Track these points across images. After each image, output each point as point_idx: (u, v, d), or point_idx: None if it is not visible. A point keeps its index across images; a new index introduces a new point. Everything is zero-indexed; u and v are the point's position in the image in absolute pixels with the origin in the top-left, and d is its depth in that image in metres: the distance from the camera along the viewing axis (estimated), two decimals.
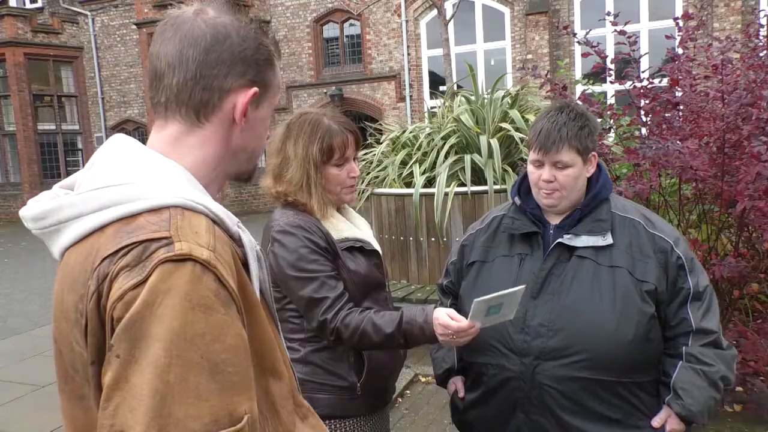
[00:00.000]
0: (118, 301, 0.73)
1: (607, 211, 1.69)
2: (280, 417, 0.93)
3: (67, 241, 0.83)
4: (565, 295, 1.64)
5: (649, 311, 1.60)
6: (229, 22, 0.92)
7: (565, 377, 1.60)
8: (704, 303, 1.63)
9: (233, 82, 0.91)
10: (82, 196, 0.82)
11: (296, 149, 1.76)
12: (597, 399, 1.60)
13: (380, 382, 1.84)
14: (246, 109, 0.93)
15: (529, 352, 1.63)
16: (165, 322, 0.72)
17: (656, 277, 1.61)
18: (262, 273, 0.94)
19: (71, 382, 0.85)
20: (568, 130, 1.65)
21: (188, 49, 0.89)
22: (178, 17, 0.92)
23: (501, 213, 1.86)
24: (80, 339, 0.79)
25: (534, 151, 1.69)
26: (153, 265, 0.74)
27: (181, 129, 0.92)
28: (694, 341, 1.62)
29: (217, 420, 0.73)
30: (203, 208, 0.84)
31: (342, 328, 1.66)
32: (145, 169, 0.85)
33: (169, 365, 0.71)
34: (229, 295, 0.79)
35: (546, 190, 1.69)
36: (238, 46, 0.91)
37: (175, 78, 0.90)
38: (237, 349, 0.77)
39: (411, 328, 1.64)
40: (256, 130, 0.97)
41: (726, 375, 1.61)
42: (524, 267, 1.72)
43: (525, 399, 1.66)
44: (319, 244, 1.71)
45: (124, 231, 0.78)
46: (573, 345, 1.60)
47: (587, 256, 1.65)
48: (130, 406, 0.70)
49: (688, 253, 1.66)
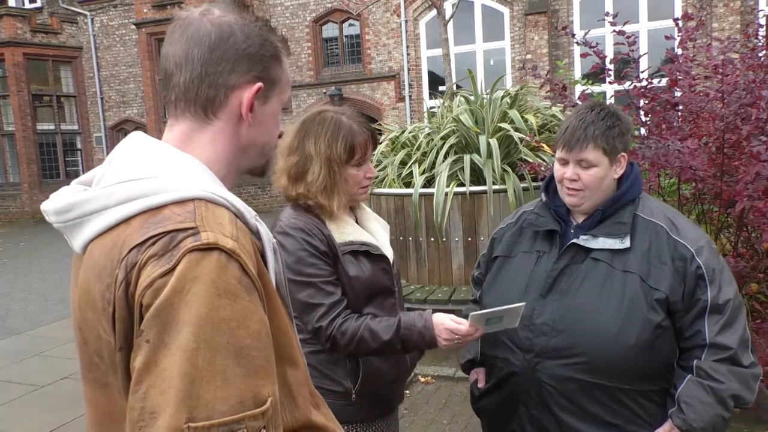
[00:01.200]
0: (147, 289, 0.76)
1: (630, 213, 1.65)
2: (297, 403, 0.97)
3: (92, 233, 0.85)
4: (573, 296, 1.63)
5: (655, 320, 1.55)
6: (234, 20, 0.95)
7: (563, 377, 1.60)
8: (724, 317, 1.55)
9: (238, 79, 0.94)
10: (106, 190, 0.85)
11: (318, 147, 1.70)
12: (594, 402, 1.59)
13: (380, 389, 1.80)
14: (251, 104, 0.95)
15: (532, 349, 1.64)
16: (193, 308, 0.75)
17: (669, 285, 1.56)
18: (277, 265, 0.97)
19: (95, 370, 0.88)
20: (595, 128, 1.62)
21: (194, 49, 0.92)
22: (185, 19, 0.95)
23: (530, 209, 1.86)
24: (107, 326, 0.81)
25: (559, 149, 1.68)
26: (181, 253, 0.77)
27: (192, 126, 0.95)
28: (707, 355, 1.56)
29: (242, 402, 0.76)
30: (225, 201, 0.87)
31: (338, 335, 1.63)
32: (168, 163, 0.88)
33: (198, 349, 0.74)
34: (252, 283, 0.82)
35: (569, 188, 1.67)
36: (242, 43, 0.94)
37: (182, 77, 0.93)
38: (260, 334, 0.80)
39: (410, 333, 1.62)
40: (265, 125, 1.00)
41: (738, 394, 1.54)
42: (540, 264, 1.72)
43: (526, 394, 1.67)
44: (319, 248, 1.68)
45: (151, 222, 0.81)
46: (574, 346, 1.59)
47: (602, 258, 1.63)
48: (161, 388, 0.73)
49: (712, 263, 1.58)
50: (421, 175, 4.83)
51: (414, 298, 4.59)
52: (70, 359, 5.23)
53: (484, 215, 4.68)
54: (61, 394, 4.49)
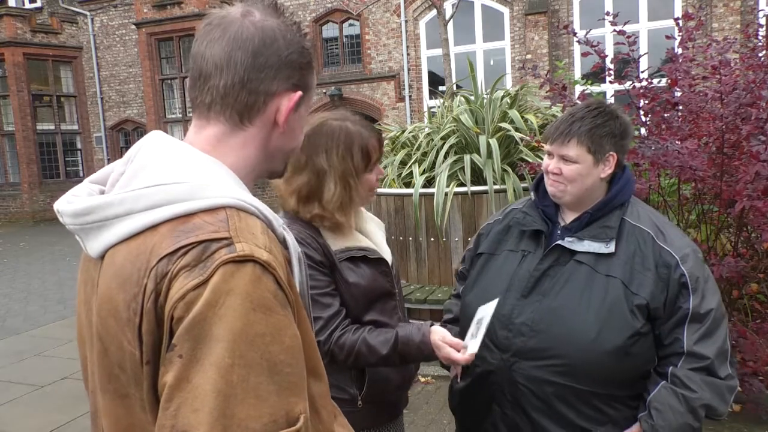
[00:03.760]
0: (179, 301, 0.74)
1: (617, 217, 1.64)
2: (321, 416, 0.94)
3: (115, 238, 0.82)
4: (554, 298, 1.62)
5: (635, 326, 1.54)
6: (276, 25, 0.92)
7: (538, 379, 1.59)
8: (704, 326, 1.54)
9: (279, 86, 0.92)
10: (132, 194, 0.81)
11: (331, 161, 1.62)
12: (567, 405, 1.57)
13: (386, 394, 1.76)
14: (290, 113, 0.93)
15: (509, 349, 1.63)
16: (227, 323, 0.72)
17: (651, 292, 1.55)
18: (302, 275, 0.96)
19: (115, 381, 0.84)
20: (581, 125, 1.61)
21: (236, 52, 0.89)
22: (224, 18, 0.91)
23: (519, 207, 1.86)
24: (132, 338, 0.78)
25: (546, 141, 1.70)
26: (215, 265, 0.74)
27: (224, 130, 0.92)
28: (683, 364, 1.54)
29: (276, 420, 0.74)
30: (255, 210, 0.84)
31: (336, 349, 1.60)
32: (196, 168, 0.85)
33: (232, 365, 0.72)
34: (285, 296, 0.80)
35: (552, 180, 1.68)
36: (284, 50, 0.91)
37: (222, 80, 0.89)
38: (293, 350, 0.78)
39: (408, 348, 1.61)
40: (294, 132, 0.98)
41: (710, 404, 1.52)
42: (523, 264, 1.71)
43: (501, 393, 1.66)
44: (314, 258, 1.61)
45: (181, 230, 0.78)
46: (551, 348, 1.58)
47: (585, 262, 1.62)
48: (193, 406, 0.71)
49: (696, 272, 1.56)
50: (421, 175, 4.83)
51: (414, 298, 4.59)
52: (70, 359, 5.24)
53: (484, 215, 4.68)
54: (61, 394, 4.49)
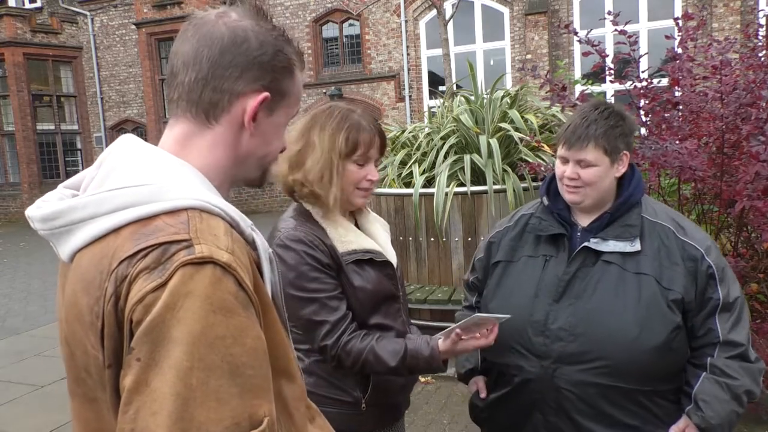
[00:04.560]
0: (137, 304, 0.73)
1: (637, 215, 1.65)
2: (294, 419, 0.93)
3: (80, 242, 0.81)
4: (588, 300, 1.62)
5: (674, 320, 1.56)
6: (250, 26, 0.92)
7: (583, 382, 1.59)
8: (734, 314, 1.58)
9: (245, 86, 0.91)
10: (96, 197, 0.81)
11: (321, 136, 1.66)
12: (614, 405, 1.59)
13: (389, 397, 1.77)
14: (255, 113, 0.92)
15: (549, 355, 1.63)
16: (186, 326, 0.72)
17: (684, 285, 1.57)
18: (273, 276, 0.94)
19: (83, 385, 0.84)
20: (597, 127, 1.61)
21: (204, 49, 0.89)
22: (201, 18, 0.92)
23: (529, 212, 1.84)
24: (95, 342, 0.78)
25: (560, 147, 1.67)
26: (174, 267, 0.74)
27: (191, 128, 0.92)
28: (720, 353, 1.58)
29: (238, 423, 0.73)
30: (219, 211, 0.83)
31: (343, 355, 1.60)
32: (160, 171, 0.84)
33: (191, 368, 0.71)
34: (248, 297, 0.79)
35: (569, 186, 1.66)
36: (255, 50, 0.91)
37: (188, 76, 0.90)
38: (256, 351, 0.77)
39: (416, 362, 1.60)
40: (266, 137, 0.96)
41: (751, 389, 1.57)
42: (548, 269, 1.70)
43: (542, 401, 1.65)
44: (321, 260, 1.61)
45: (142, 233, 0.77)
46: (593, 350, 1.58)
47: (614, 261, 1.62)
48: (152, 409, 0.70)
49: (720, 262, 1.61)
50: (421, 175, 4.83)
51: (414, 298, 4.59)
52: None
53: (484, 215, 4.68)
54: (61, 394, 4.46)
